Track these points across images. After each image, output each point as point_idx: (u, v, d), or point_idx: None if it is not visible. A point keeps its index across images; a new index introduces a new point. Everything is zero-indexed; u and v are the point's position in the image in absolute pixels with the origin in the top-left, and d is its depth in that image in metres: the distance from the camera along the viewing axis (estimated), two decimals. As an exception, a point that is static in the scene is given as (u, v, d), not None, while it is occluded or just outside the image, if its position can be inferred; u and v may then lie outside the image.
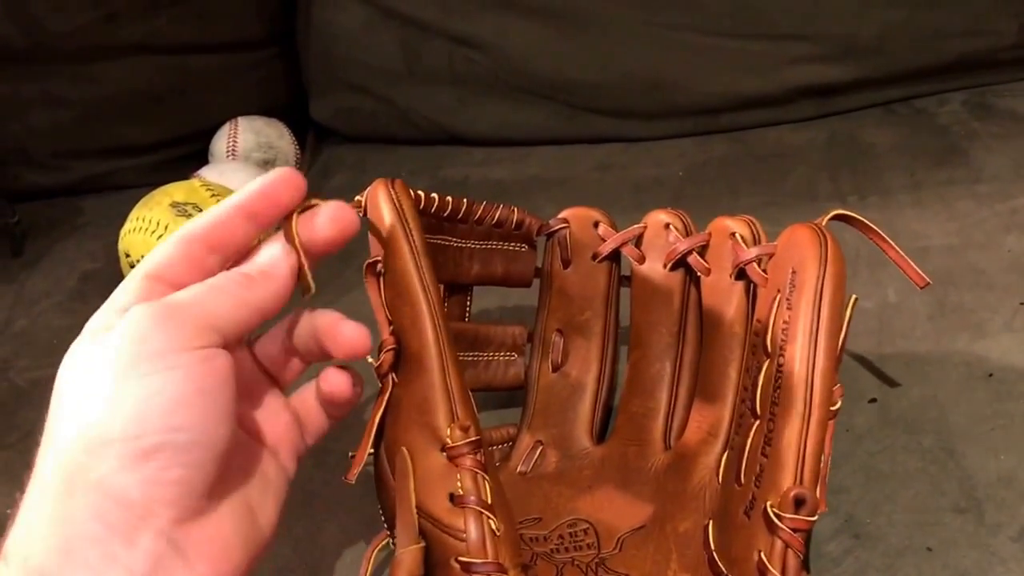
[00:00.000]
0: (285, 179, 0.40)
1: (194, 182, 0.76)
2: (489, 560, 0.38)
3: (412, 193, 0.47)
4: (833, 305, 0.40)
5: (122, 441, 0.34)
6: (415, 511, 0.39)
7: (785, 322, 0.41)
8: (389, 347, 0.42)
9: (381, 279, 0.43)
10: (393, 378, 0.42)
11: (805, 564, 0.39)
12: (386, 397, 0.42)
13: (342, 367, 0.44)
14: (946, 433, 0.52)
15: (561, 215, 0.56)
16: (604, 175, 0.85)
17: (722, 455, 0.48)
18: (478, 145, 0.92)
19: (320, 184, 0.94)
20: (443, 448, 0.40)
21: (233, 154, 0.92)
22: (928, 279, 0.50)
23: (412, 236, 0.43)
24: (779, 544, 0.38)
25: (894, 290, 0.63)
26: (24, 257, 0.88)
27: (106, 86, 0.93)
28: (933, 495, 0.49)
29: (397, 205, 0.44)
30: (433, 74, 0.91)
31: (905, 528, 0.47)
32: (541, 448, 0.54)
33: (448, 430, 0.40)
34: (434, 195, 0.50)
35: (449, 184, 0.88)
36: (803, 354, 0.40)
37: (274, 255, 0.40)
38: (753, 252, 0.48)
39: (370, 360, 0.43)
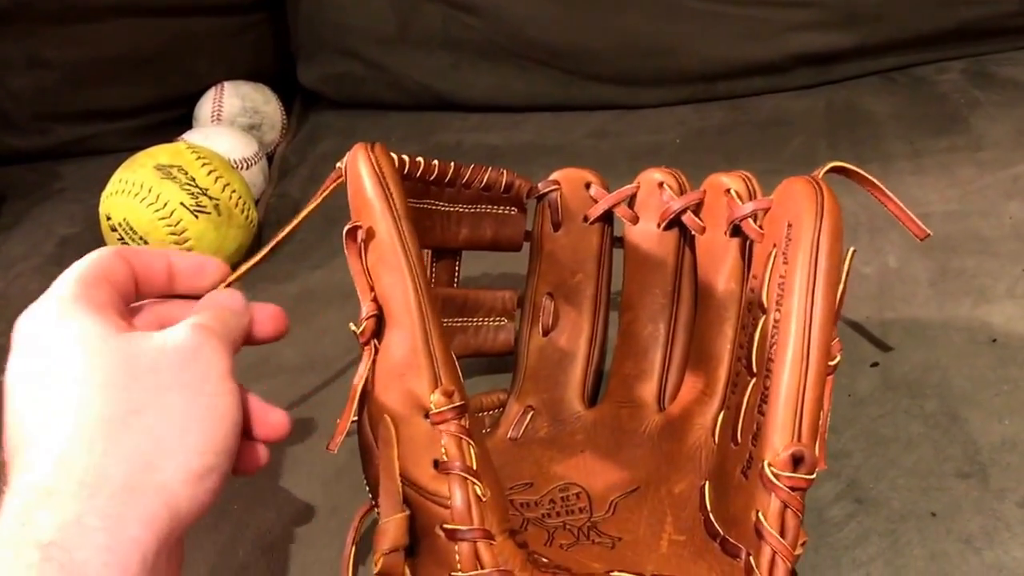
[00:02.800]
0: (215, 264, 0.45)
1: (179, 145, 0.75)
2: (475, 526, 0.37)
3: (396, 157, 0.46)
4: (831, 257, 0.39)
5: (191, 453, 0.36)
6: (399, 479, 0.39)
7: (781, 276, 0.40)
8: (371, 314, 0.41)
9: (362, 245, 0.42)
10: (375, 345, 0.41)
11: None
12: (368, 364, 0.41)
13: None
14: (949, 398, 0.51)
15: (552, 177, 0.54)
16: (600, 142, 0.84)
17: (718, 415, 0.47)
18: (472, 111, 0.91)
19: (307, 151, 0.92)
20: (426, 414, 0.39)
21: (218, 119, 0.90)
22: (928, 231, 0.50)
23: (393, 200, 0.42)
24: (777, 503, 0.36)
25: (895, 256, 0.62)
26: (1, 221, 0.87)
27: (90, 48, 0.92)
28: (937, 460, 0.48)
29: (377, 169, 0.43)
30: (426, 38, 0.89)
31: (908, 493, 0.47)
32: (532, 413, 0.53)
33: (432, 396, 0.39)
34: (419, 159, 0.49)
35: (441, 150, 0.87)
36: (800, 307, 0.38)
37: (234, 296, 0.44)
38: (748, 207, 0.47)
39: (352, 327, 0.42)
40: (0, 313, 0.73)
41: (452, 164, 0.51)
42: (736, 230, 0.48)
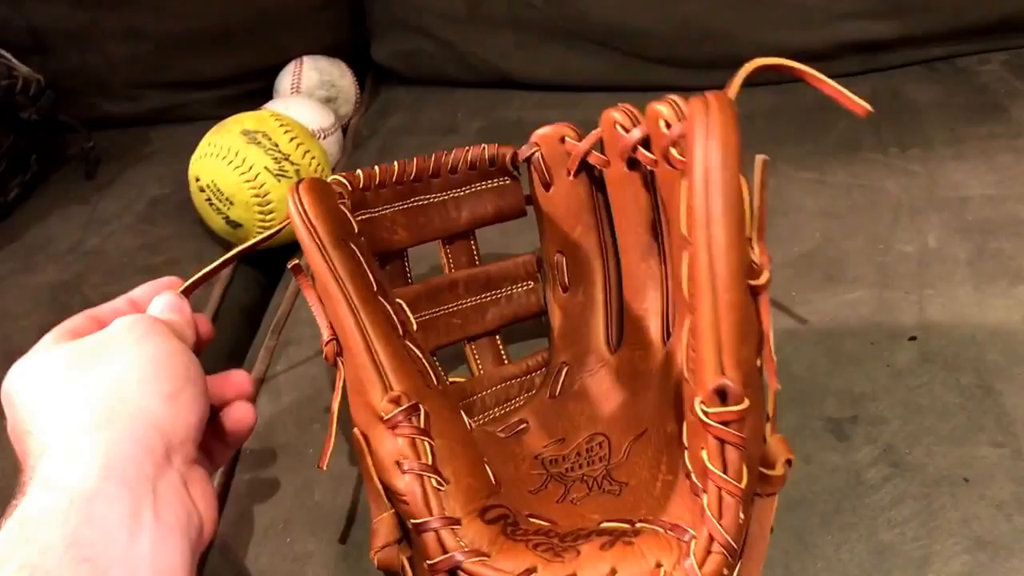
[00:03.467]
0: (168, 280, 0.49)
1: (264, 112, 0.75)
2: (433, 517, 0.37)
3: (362, 173, 0.48)
4: (724, 177, 0.34)
5: (156, 381, 0.39)
6: (379, 483, 0.39)
7: (689, 206, 0.36)
8: (328, 339, 0.43)
9: (312, 278, 0.44)
10: (341, 365, 0.42)
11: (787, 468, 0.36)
12: (339, 384, 0.42)
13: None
14: (984, 372, 0.51)
15: (532, 139, 0.53)
16: (652, 121, 0.83)
17: None
18: (533, 90, 0.90)
19: (378, 124, 0.92)
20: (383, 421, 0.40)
21: (297, 91, 0.91)
22: (868, 106, 0.42)
23: (316, 234, 0.43)
24: (712, 441, 0.34)
25: (934, 236, 0.61)
26: (97, 181, 0.88)
27: (182, 20, 0.92)
28: (971, 429, 0.48)
29: (299, 208, 0.44)
30: (493, 18, 0.89)
31: (943, 459, 0.46)
32: (567, 369, 0.53)
33: (380, 404, 0.40)
34: (394, 163, 0.49)
35: (502, 126, 0.87)
36: (703, 239, 0.34)
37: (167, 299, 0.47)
38: (670, 135, 0.42)
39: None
40: (97, 266, 0.76)
41: (431, 157, 0.51)
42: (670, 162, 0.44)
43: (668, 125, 0.43)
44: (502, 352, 0.56)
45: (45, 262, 0.77)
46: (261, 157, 0.70)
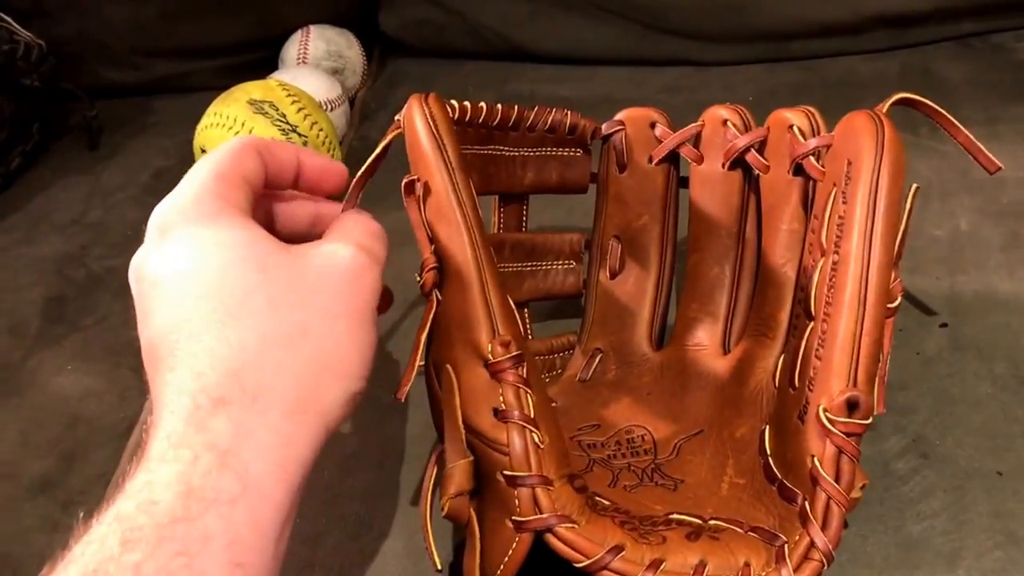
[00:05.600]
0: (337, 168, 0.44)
1: (271, 82, 0.74)
2: (533, 473, 0.36)
3: (457, 105, 0.45)
4: (891, 196, 0.36)
5: (349, 379, 0.35)
6: (462, 426, 0.38)
7: (841, 217, 0.38)
8: (431, 266, 0.40)
9: (421, 197, 0.40)
10: (437, 296, 0.40)
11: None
12: (431, 315, 0.40)
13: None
14: (1019, 361, 0.49)
15: (616, 117, 0.52)
16: (672, 97, 0.81)
17: (779, 358, 0.45)
18: (547, 62, 0.89)
19: (386, 96, 0.91)
20: (486, 363, 0.38)
21: (303, 61, 0.89)
22: (1000, 164, 0.46)
23: (446, 152, 0.40)
24: (831, 449, 0.35)
25: (966, 220, 0.60)
26: (100, 151, 0.87)
27: (187, -16, 0.90)
28: (1005, 421, 0.46)
29: (430, 121, 0.41)
30: (506, -13, 0.87)
31: (975, 451, 0.45)
32: (600, 356, 0.52)
33: (489, 346, 0.38)
34: (481, 104, 0.47)
35: (514, 99, 0.84)
36: (858, 250, 0.36)
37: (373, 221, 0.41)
38: (810, 144, 0.44)
39: (417, 278, 0.41)
40: (100, 239, 0.75)
41: (515, 107, 0.49)
42: (799, 168, 0.45)
43: (803, 134, 0.45)
44: (528, 327, 0.55)
45: (48, 233, 0.77)
46: (267, 128, 0.69)
